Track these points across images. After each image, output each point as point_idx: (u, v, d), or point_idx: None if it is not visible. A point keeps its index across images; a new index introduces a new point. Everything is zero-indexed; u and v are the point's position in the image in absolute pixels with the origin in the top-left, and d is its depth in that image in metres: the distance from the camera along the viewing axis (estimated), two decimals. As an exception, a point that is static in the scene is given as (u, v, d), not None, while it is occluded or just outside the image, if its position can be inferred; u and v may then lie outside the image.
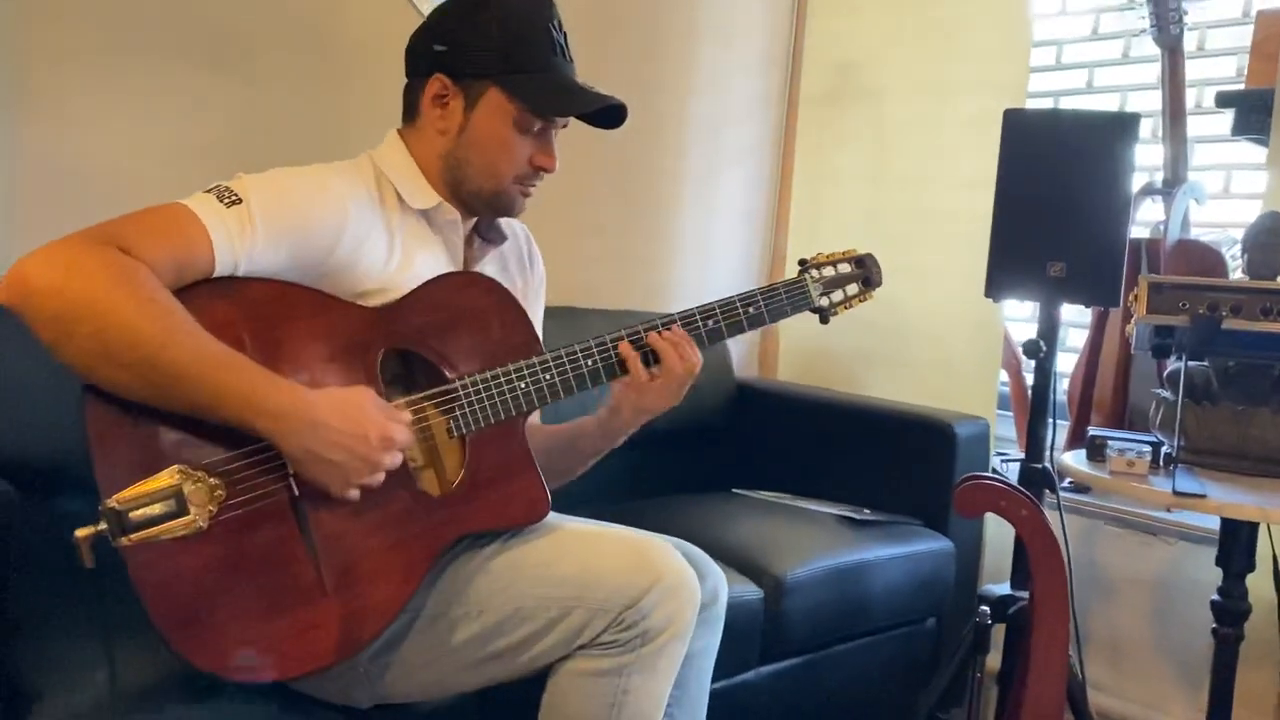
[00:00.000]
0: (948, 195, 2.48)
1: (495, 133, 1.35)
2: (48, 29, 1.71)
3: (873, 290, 1.53)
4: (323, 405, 1.14)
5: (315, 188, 1.27)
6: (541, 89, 1.34)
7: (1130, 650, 2.19)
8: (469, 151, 1.36)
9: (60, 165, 1.74)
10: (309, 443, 1.12)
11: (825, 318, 1.50)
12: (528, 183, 1.39)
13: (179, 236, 1.14)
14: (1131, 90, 2.46)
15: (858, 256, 1.52)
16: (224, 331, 1.15)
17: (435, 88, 1.36)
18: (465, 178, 1.37)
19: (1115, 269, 1.75)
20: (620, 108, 1.38)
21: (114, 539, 1.07)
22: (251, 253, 1.19)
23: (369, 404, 1.17)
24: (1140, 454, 1.57)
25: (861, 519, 2.09)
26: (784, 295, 1.45)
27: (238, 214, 1.18)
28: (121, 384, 1.09)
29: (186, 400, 1.10)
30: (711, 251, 2.76)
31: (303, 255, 1.23)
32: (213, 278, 1.17)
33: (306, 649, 1.15)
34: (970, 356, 2.43)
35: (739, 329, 1.42)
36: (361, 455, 1.15)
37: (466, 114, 1.35)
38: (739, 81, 2.75)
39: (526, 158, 1.37)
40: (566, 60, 1.38)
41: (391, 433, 1.17)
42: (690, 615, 1.28)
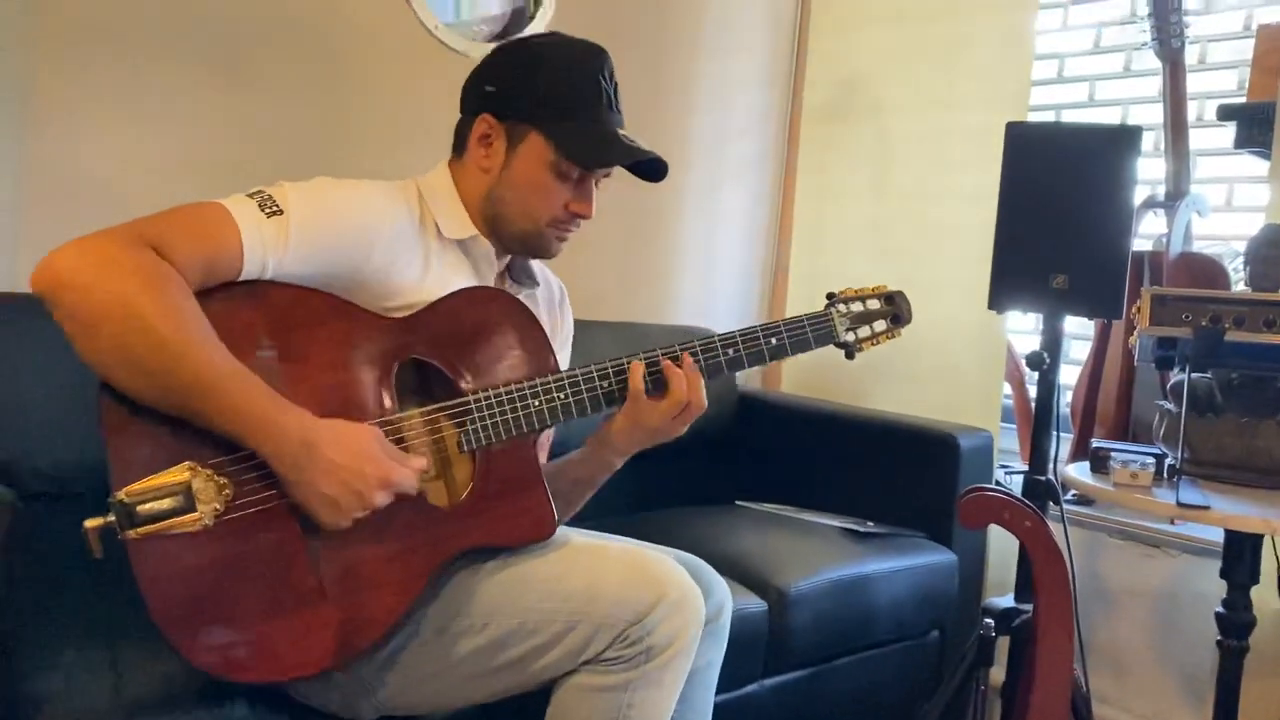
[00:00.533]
0: (951, 209, 2.49)
1: (533, 176, 1.37)
2: (54, 43, 1.73)
3: (901, 328, 1.50)
4: (326, 437, 1.14)
5: (356, 203, 1.29)
6: (580, 138, 1.36)
7: (1135, 663, 2.19)
8: (508, 191, 1.38)
9: (67, 175, 1.75)
10: (305, 471, 1.13)
11: (850, 353, 1.48)
12: (563, 227, 1.41)
13: (214, 240, 1.16)
14: (1133, 104, 2.47)
15: (888, 293, 1.50)
16: (246, 334, 1.18)
17: (482, 127, 1.39)
18: (503, 217, 1.40)
19: (1117, 281, 1.75)
20: (659, 162, 1.39)
21: (121, 531, 1.08)
22: (281, 261, 1.21)
23: (374, 444, 1.17)
24: (1144, 466, 1.57)
25: (865, 531, 2.09)
26: (808, 328, 1.44)
27: (276, 225, 1.20)
28: (135, 387, 1.10)
29: (195, 411, 1.11)
30: (714, 265, 2.77)
31: (335, 266, 1.26)
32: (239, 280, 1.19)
33: (303, 652, 1.16)
34: (974, 369, 2.43)
35: (760, 359, 1.40)
36: (355, 490, 1.15)
37: (508, 155, 1.38)
38: (741, 97, 2.76)
39: (563, 203, 1.39)
40: (613, 111, 1.39)
41: (392, 476, 1.17)
42: (695, 631, 1.28)
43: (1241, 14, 2.31)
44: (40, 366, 1.49)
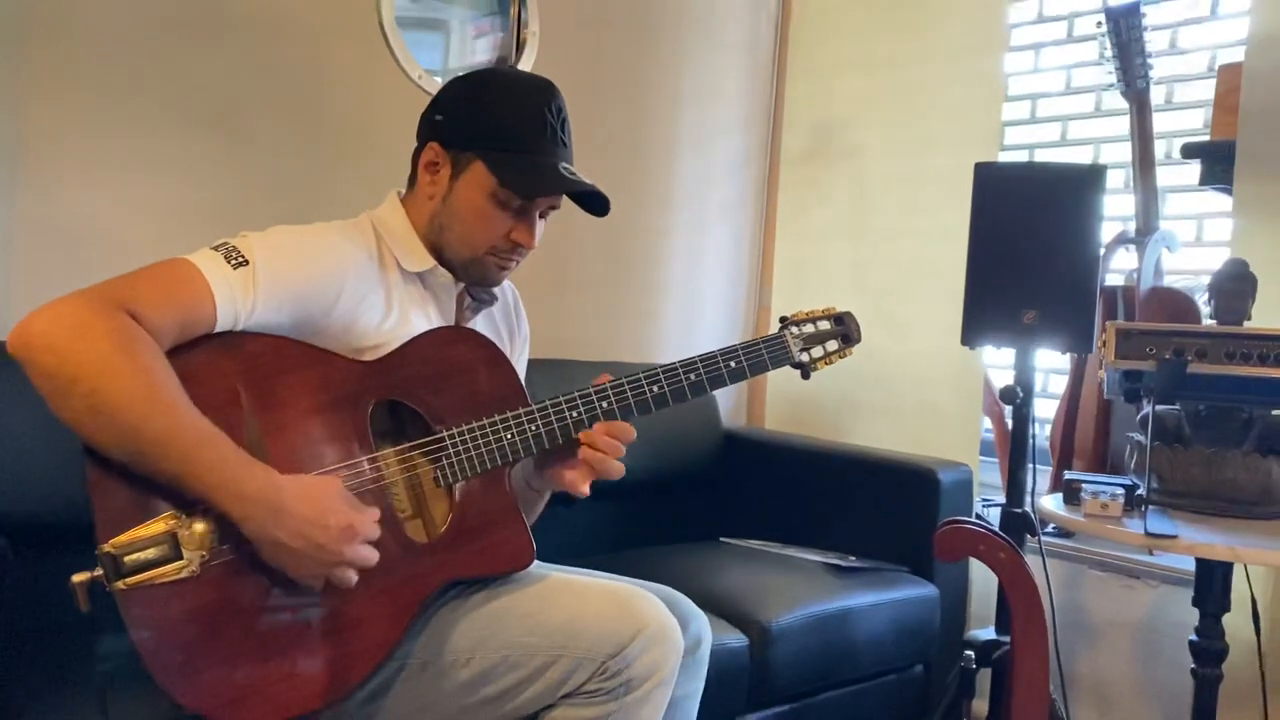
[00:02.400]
0: (927, 247, 2.54)
1: (474, 203, 1.39)
2: (45, 94, 1.77)
3: (851, 347, 1.56)
4: (290, 492, 1.16)
5: (318, 250, 1.32)
6: (521, 169, 1.38)
7: (1116, 693, 2.20)
8: (450, 219, 1.41)
9: (58, 225, 1.79)
10: (270, 529, 1.15)
11: (806, 373, 1.53)
12: (504, 256, 1.43)
13: (186, 297, 1.19)
14: (1105, 142, 2.53)
15: (837, 314, 1.56)
16: (221, 384, 1.20)
17: (429, 154, 1.42)
18: (445, 243, 1.43)
19: (1087, 315, 1.79)
20: (602, 196, 1.42)
21: (109, 583, 1.10)
22: (253, 311, 1.23)
23: (334, 495, 1.19)
24: (1114, 496, 1.60)
25: (847, 566, 2.11)
26: (764, 350, 1.48)
27: (243, 276, 1.22)
28: (106, 445, 1.12)
29: (163, 470, 1.13)
30: (698, 305, 2.81)
31: (302, 314, 1.28)
32: (214, 332, 1.22)
33: (296, 692, 1.18)
34: (953, 403, 2.47)
35: (720, 382, 1.45)
36: (319, 544, 1.16)
37: (451, 183, 1.41)
38: (722, 141, 2.82)
39: (504, 232, 1.41)
40: (558, 144, 1.41)
41: (353, 523, 1.18)
42: (674, 663, 1.31)
43: (1205, 55, 2.37)
44: (29, 415, 1.51)
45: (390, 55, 2.18)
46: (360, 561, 1.19)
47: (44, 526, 1.44)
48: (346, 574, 1.19)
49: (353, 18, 2.13)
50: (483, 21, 2.38)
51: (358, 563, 1.19)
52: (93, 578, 1.10)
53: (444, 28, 2.33)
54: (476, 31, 2.38)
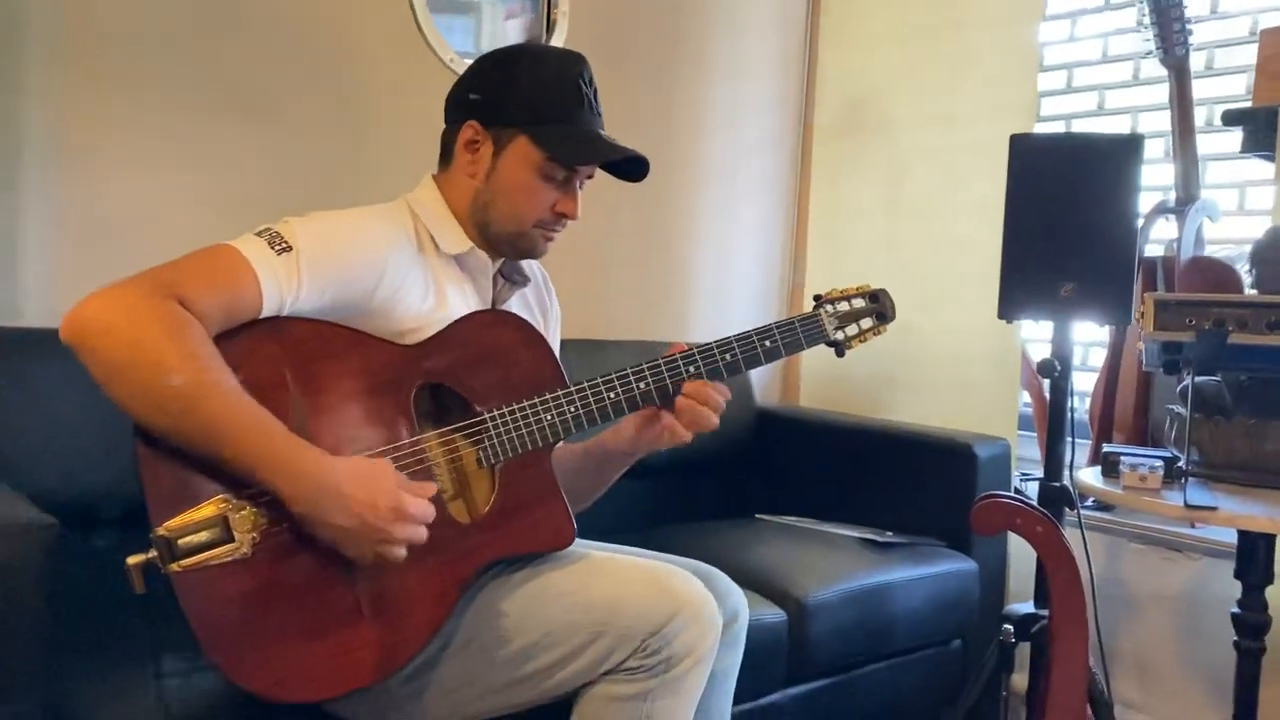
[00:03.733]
0: (962, 221, 2.52)
1: (520, 178, 1.41)
2: (83, 88, 1.80)
3: (887, 324, 1.54)
4: (341, 472, 1.18)
5: (359, 234, 1.33)
6: (565, 139, 1.40)
7: (1158, 667, 2.19)
8: (495, 195, 1.43)
9: (98, 214, 1.82)
10: (321, 508, 1.17)
11: (840, 351, 1.52)
12: (549, 228, 1.45)
13: (231, 283, 1.21)
14: (1143, 111, 2.49)
15: (872, 291, 1.54)
16: (268, 368, 1.22)
17: (468, 134, 1.43)
18: (491, 220, 1.44)
19: (1125, 287, 1.77)
20: (642, 160, 1.44)
21: (164, 565, 1.13)
22: (297, 296, 1.26)
23: (385, 475, 1.21)
24: (1153, 469, 1.59)
25: (884, 541, 2.11)
26: (799, 329, 1.48)
27: (286, 261, 1.24)
28: (159, 427, 1.15)
29: (214, 452, 1.15)
30: (730, 284, 2.81)
31: (345, 297, 1.30)
32: (259, 318, 1.24)
33: (345, 670, 1.20)
34: (990, 378, 2.46)
35: (756, 362, 1.45)
36: (369, 523, 1.17)
37: (495, 160, 1.42)
38: (753, 118, 2.81)
39: (550, 204, 1.43)
40: (594, 114, 1.44)
41: (403, 504, 1.19)
42: (712, 641, 1.32)
43: (1247, 19, 2.33)
44: (78, 399, 1.55)
45: (422, 39, 2.19)
46: (409, 539, 1.20)
47: (92, 508, 1.48)
48: (395, 551, 1.20)
49: (385, 2, 2.14)
50: (513, 3, 2.38)
51: (407, 541, 1.20)
52: (148, 560, 1.13)
53: (475, 11, 2.34)
54: (507, 14, 2.39)
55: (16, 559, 1.08)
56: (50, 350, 1.58)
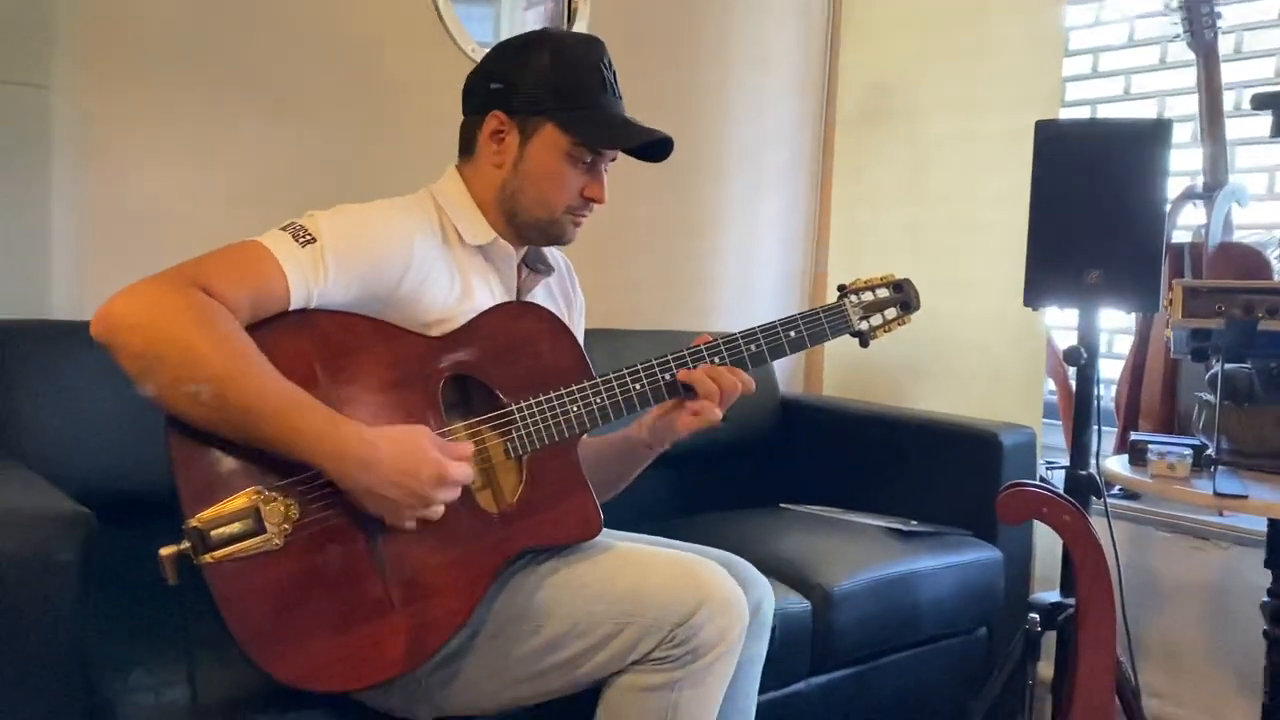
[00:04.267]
0: (986, 208, 2.50)
1: (548, 165, 1.41)
2: (111, 84, 1.81)
3: (911, 314, 1.57)
4: (381, 444, 1.20)
5: (383, 226, 1.34)
6: (593, 123, 1.40)
7: (1186, 656, 2.18)
8: (524, 183, 1.43)
9: (126, 209, 1.83)
10: (365, 480, 1.19)
11: (865, 341, 1.54)
12: (578, 213, 1.46)
13: (257, 276, 1.22)
14: (1170, 95, 2.47)
15: (896, 281, 1.56)
16: (297, 361, 1.23)
17: (493, 124, 1.43)
18: (520, 208, 1.44)
19: (1153, 274, 1.76)
20: (668, 141, 1.44)
21: (196, 556, 1.14)
22: (324, 289, 1.26)
23: (426, 442, 1.22)
24: (1181, 457, 1.57)
25: (909, 530, 2.10)
26: (824, 319, 1.50)
27: (311, 253, 1.25)
28: (196, 417, 1.16)
29: (254, 435, 1.17)
30: (753, 272, 2.80)
31: (370, 290, 1.31)
32: (286, 311, 1.25)
33: (376, 660, 1.21)
34: (1015, 366, 2.44)
35: (780, 352, 1.47)
36: (413, 491, 1.20)
37: (521, 148, 1.42)
38: (775, 106, 2.80)
39: (578, 189, 1.44)
40: (615, 97, 1.44)
41: (446, 470, 1.22)
42: (739, 631, 1.32)
43: (1276, 1, 2.30)
44: (110, 393, 1.57)
45: (444, 29, 2.20)
46: (450, 499, 1.24)
47: (126, 500, 1.48)
48: (437, 511, 1.23)
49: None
50: (534, -8, 2.38)
51: (448, 501, 1.24)
52: (180, 551, 1.14)
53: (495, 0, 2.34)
54: (527, 3, 2.39)
55: (53, 549, 1.09)
56: (79, 343, 1.60)
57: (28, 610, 1.08)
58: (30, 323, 1.65)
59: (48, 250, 1.76)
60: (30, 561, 1.08)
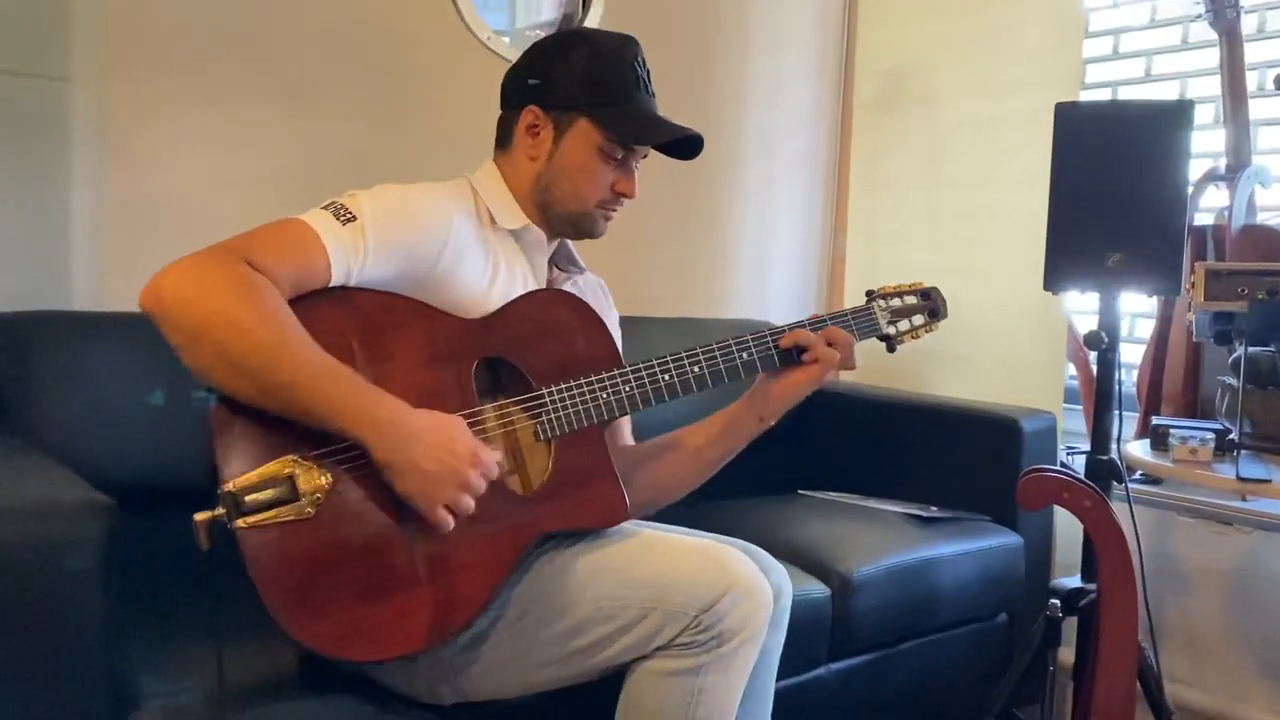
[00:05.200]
0: (1006, 192, 2.48)
1: (581, 160, 1.44)
2: (132, 73, 1.83)
3: (938, 321, 1.61)
4: (420, 422, 1.21)
5: (423, 206, 1.37)
6: (626, 120, 1.43)
7: (1208, 642, 2.16)
8: (557, 177, 1.45)
9: (147, 199, 1.85)
10: (404, 454, 1.20)
11: (892, 346, 1.59)
12: (609, 207, 1.49)
13: (300, 253, 1.24)
14: (1192, 76, 2.44)
15: (924, 289, 1.60)
16: (335, 337, 1.25)
17: (529, 118, 1.46)
18: (553, 201, 1.47)
19: (1175, 257, 1.74)
20: (698, 139, 1.47)
21: (229, 521, 1.15)
22: (363, 266, 1.29)
23: (459, 426, 1.25)
24: (1203, 441, 1.56)
25: (928, 516, 2.10)
26: (852, 321, 1.54)
27: (352, 231, 1.27)
28: (239, 389, 1.18)
29: (296, 406, 1.18)
30: (770, 260, 2.79)
31: (408, 268, 1.33)
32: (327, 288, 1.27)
33: (402, 632, 1.22)
34: (1035, 351, 2.43)
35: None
36: (451, 466, 1.21)
37: (556, 142, 1.45)
38: (793, 92, 2.78)
39: (609, 184, 1.46)
40: (648, 94, 1.47)
41: (480, 451, 1.23)
42: (764, 618, 1.33)
43: (1300, -19, 2.27)
44: (127, 381, 1.58)
45: (459, 18, 2.20)
46: (479, 489, 1.24)
47: (146, 490, 1.49)
48: (466, 500, 1.23)
49: (422, -17, 2.15)
50: (550, -20, 2.37)
51: (478, 490, 1.24)
52: (214, 517, 1.15)
53: (512, -12, 2.34)
54: (543, -10, 2.38)
55: (77, 537, 1.10)
56: (100, 333, 1.64)
57: (52, 597, 1.09)
58: (52, 314, 1.67)
59: (68, 241, 1.77)
60: (54, 549, 1.09)
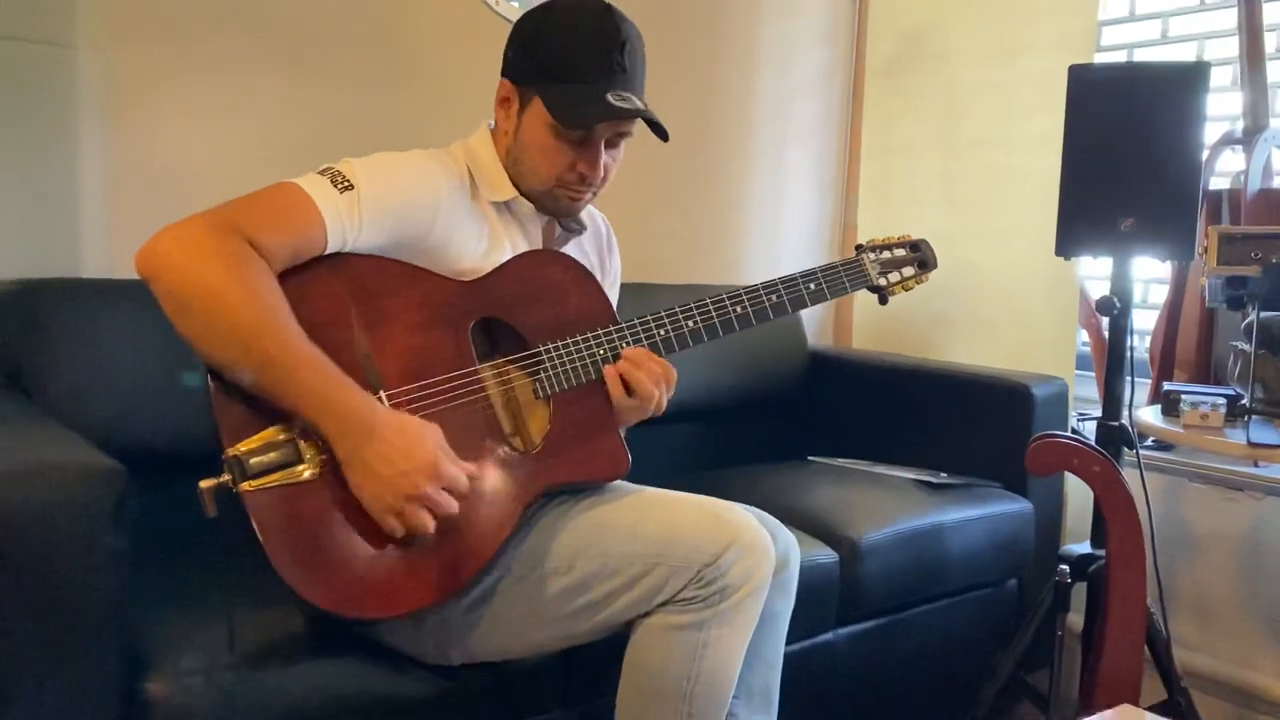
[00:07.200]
0: (1019, 156, 2.46)
1: (538, 138, 1.40)
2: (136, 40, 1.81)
3: (928, 273, 1.61)
4: (386, 422, 1.20)
5: (418, 172, 1.37)
6: (569, 99, 1.37)
7: (1218, 607, 2.16)
8: (522, 153, 1.43)
9: (152, 165, 1.84)
10: (361, 451, 1.19)
11: (884, 298, 1.59)
12: (573, 188, 1.44)
13: (298, 222, 1.25)
14: (1210, 38, 2.40)
15: (913, 241, 1.61)
16: (332, 302, 1.27)
17: (502, 90, 1.44)
18: (520, 176, 1.45)
19: (1188, 221, 1.72)
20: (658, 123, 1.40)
21: (235, 485, 1.16)
22: (359, 233, 1.29)
23: (428, 436, 1.22)
24: (1214, 406, 1.55)
25: (938, 483, 2.10)
26: (842, 273, 1.54)
27: (349, 199, 1.28)
28: (220, 361, 1.18)
29: (269, 387, 1.18)
30: (781, 225, 2.77)
31: (403, 235, 1.34)
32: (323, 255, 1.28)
33: (410, 588, 1.24)
34: (1047, 316, 2.41)
35: (801, 303, 1.50)
36: (401, 471, 1.19)
37: (519, 117, 1.42)
38: (804, 55, 2.75)
39: (569, 164, 1.41)
40: (616, 70, 1.37)
41: (441, 465, 1.21)
42: (766, 571, 1.34)
43: (1322, -61, 2.22)
44: (140, 349, 1.59)
45: (469, -17, 2.18)
46: (439, 506, 1.21)
47: (158, 456, 1.51)
48: (421, 515, 1.20)
49: (429, -54, 2.13)
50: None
51: (436, 505, 1.21)
52: (220, 483, 1.16)
53: (519, -48, 2.31)
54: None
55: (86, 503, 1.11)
56: (110, 301, 1.64)
57: (61, 563, 1.10)
58: (61, 281, 1.67)
59: (76, 208, 1.77)
60: (66, 515, 1.09)
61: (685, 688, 1.30)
